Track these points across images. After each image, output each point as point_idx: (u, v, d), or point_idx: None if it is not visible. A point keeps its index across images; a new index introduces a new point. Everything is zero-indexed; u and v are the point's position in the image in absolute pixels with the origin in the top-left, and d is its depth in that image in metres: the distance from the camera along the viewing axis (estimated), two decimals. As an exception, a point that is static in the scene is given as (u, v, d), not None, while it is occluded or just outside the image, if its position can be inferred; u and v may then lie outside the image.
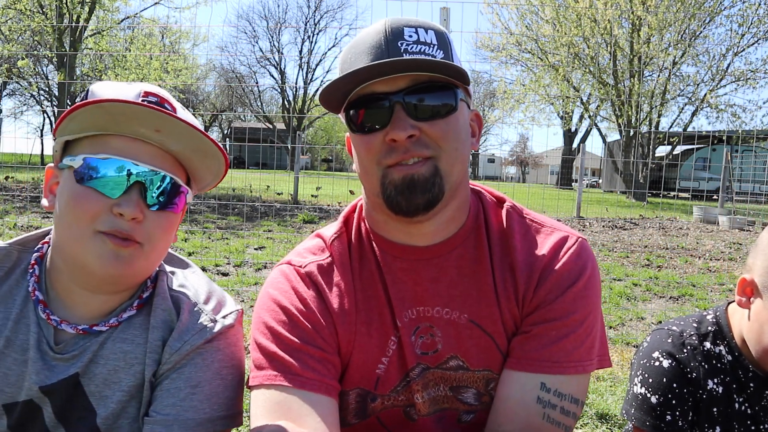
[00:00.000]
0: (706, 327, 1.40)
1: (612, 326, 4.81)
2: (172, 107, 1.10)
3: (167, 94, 1.12)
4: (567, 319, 1.12)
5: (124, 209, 1.01)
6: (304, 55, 55.48)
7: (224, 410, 1.10)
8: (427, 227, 1.15)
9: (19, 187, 12.24)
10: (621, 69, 22.97)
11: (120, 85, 1.10)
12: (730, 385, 1.34)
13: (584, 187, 19.90)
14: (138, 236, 1.04)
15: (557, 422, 1.10)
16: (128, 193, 1.03)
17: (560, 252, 1.17)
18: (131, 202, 1.02)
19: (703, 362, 1.35)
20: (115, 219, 1.02)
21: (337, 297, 1.17)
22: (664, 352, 1.37)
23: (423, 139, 1.07)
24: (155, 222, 1.07)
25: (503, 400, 1.13)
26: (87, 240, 1.02)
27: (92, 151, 1.04)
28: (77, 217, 1.02)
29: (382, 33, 1.07)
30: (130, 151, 1.04)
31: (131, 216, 1.02)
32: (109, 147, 1.04)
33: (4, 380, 1.08)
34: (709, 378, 1.34)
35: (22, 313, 1.10)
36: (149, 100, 1.06)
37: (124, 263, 1.04)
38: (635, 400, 1.38)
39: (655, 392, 1.35)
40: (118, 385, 1.10)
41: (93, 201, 1.02)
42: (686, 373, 1.34)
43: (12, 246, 1.16)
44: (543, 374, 1.10)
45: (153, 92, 1.09)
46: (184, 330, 1.11)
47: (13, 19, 17.61)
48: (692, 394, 1.34)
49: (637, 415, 1.37)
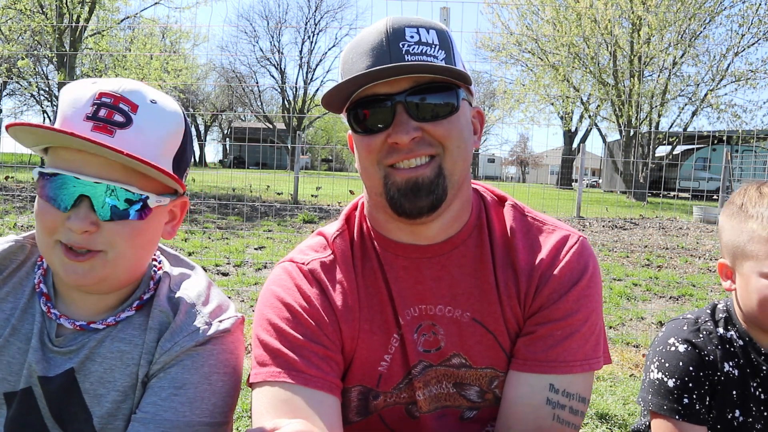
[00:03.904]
0: (718, 314, 1.43)
1: (612, 326, 4.81)
2: (132, 105, 1.04)
3: (132, 88, 1.06)
4: (571, 319, 1.13)
5: (72, 223, 1.01)
6: (304, 55, 55.57)
7: (207, 416, 1.08)
8: (430, 227, 1.16)
9: (19, 187, 12.24)
10: (621, 69, 22.96)
11: (83, 85, 1.06)
12: (744, 369, 1.36)
13: (584, 187, 19.91)
14: (96, 246, 1.04)
15: (566, 422, 1.11)
16: (77, 206, 1.02)
17: (562, 252, 1.17)
18: (79, 215, 1.01)
19: (718, 345, 1.37)
20: (69, 232, 1.02)
21: (341, 294, 1.17)
22: (679, 338, 1.39)
23: (426, 138, 1.07)
24: (113, 231, 1.04)
25: (512, 403, 1.13)
26: (50, 249, 1.05)
27: (48, 164, 1.04)
28: (40, 228, 1.05)
29: (384, 33, 1.07)
30: (76, 164, 1.02)
31: (80, 230, 1.01)
32: (59, 160, 1.04)
33: (7, 368, 1.09)
34: (725, 361, 1.36)
35: (29, 303, 1.12)
36: (101, 102, 1.03)
37: (84, 275, 1.04)
38: (652, 386, 1.39)
39: (671, 376, 1.36)
40: (113, 385, 1.10)
41: (49, 215, 1.03)
42: (702, 357, 1.36)
43: (26, 239, 1.19)
44: (551, 375, 1.11)
45: (108, 92, 1.04)
46: (176, 331, 1.11)
47: (13, 19, 17.59)
48: (708, 377, 1.35)
49: (654, 401, 1.37)
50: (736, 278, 1.36)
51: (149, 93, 1.09)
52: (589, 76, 24.51)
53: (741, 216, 1.34)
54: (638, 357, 4.01)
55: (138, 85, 1.09)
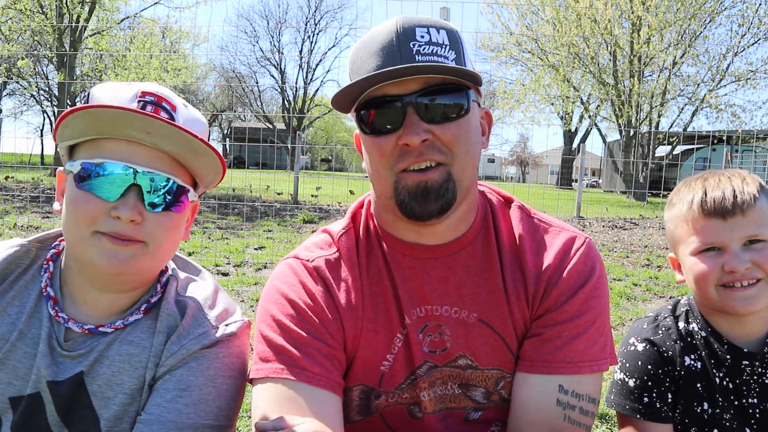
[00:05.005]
0: (680, 309, 1.45)
1: (612, 326, 4.81)
2: (172, 105, 1.10)
3: (167, 92, 1.12)
4: (579, 320, 1.13)
5: (121, 212, 1.02)
6: (304, 55, 55.48)
7: (211, 419, 1.09)
8: (438, 229, 1.16)
9: (19, 187, 12.24)
10: (621, 69, 22.96)
11: (119, 86, 1.10)
12: (708, 360, 1.36)
13: (584, 187, 19.89)
14: (140, 236, 1.05)
15: (577, 422, 1.11)
16: (125, 196, 1.03)
17: (569, 254, 1.17)
18: (128, 205, 1.03)
19: (678, 340, 1.39)
20: (114, 221, 1.03)
21: (345, 292, 1.16)
22: (639, 337, 1.42)
23: (435, 143, 1.06)
24: (156, 222, 1.07)
25: (523, 406, 1.13)
26: (87, 240, 1.04)
27: (90, 156, 1.05)
28: (77, 219, 1.04)
29: (394, 33, 1.07)
30: (126, 154, 1.04)
31: (128, 219, 1.03)
32: (105, 151, 1.04)
33: (13, 373, 1.09)
34: (685, 354, 1.37)
35: (36, 307, 1.12)
36: (146, 100, 1.07)
37: (125, 261, 1.05)
38: (615, 387, 1.42)
39: (632, 376, 1.38)
40: (121, 387, 1.10)
41: (91, 204, 1.03)
42: (661, 353, 1.38)
43: (31, 243, 1.19)
44: (560, 376, 1.11)
45: (150, 91, 1.09)
46: (183, 334, 1.11)
47: (13, 19, 17.59)
48: (669, 373, 1.37)
49: (616, 401, 1.40)
50: (683, 268, 1.39)
51: (181, 99, 1.14)
52: (589, 76, 24.50)
53: (670, 207, 1.41)
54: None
55: (168, 90, 1.13)
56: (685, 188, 1.37)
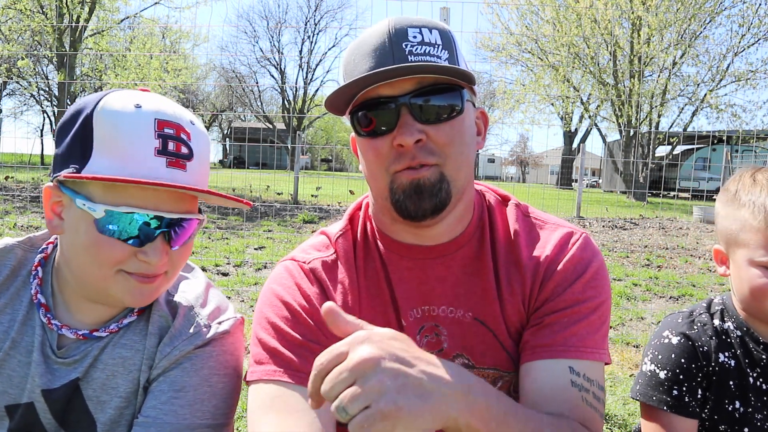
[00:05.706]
0: (714, 307, 1.43)
1: (612, 326, 4.81)
2: (187, 133, 1.04)
3: (179, 114, 1.05)
4: (578, 307, 1.11)
5: (151, 258, 1.02)
6: (304, 55, 55.51)
7: (208, 419, 1.08)
8: (435, 230, 1.15)
9: (19, 187, 12.24)
10: (621, 69, 22.97)
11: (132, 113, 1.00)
12: (743, 360, 1.35)
13: (584, 187, 19.90)
14: (162, 270, 1.06)
15: (594, 407, 1.07)
16: (153, 241, 1.03)
17: (566, 247, 1.17)
18: (157, 250, 1.02)
19: (713, 336, 1.37)
20: (140, 263, 1.03)
21: (341, 294, 1.16)
22: (674, 330, 1.39)
23: (429, 145, 1.06)
24: (178, 255, 1.08)
25: (536, 391, 1.07)
26: (110, 278, 1.03)
27: (112, 201, 0.99)
28: (100, 262, 1.02)
29: (386, 34, 1.06)
30: (152, 201, 1.00)
31: (158, 263, 1.03)
32: (128, 196, 0.99)
33: (8, 382, 1.08)
34: (720, 351, 1.35)
35: (28, 315, 1.10)
36: (166, 135, 1.00)
37: (150, 294, 1.07)
38: (643, 377, 1.39)
39: (663, 368, 1.36)
40: (116, 391, 1.09)
41: (117, 250, 1.01)
42: (696, 348, 1.35)
43: (19, 244, 1.16)
44: (567, 359, 1.07)
45: (167, 121, 1.01)
46: (175, 335, 1.11)
47: (13, 19, 17.60)
48: (702, 368, 1.35)
49: (643, 391, 1.37)
50: (730, 265, 1.36)
51: (186, 114, 1.08)
52: (589, 76, 24.52)
53: (734, 203, 1.33)
54: (638, 357, 4.01)
55: (178, 107, 1.08)
56: (758, 188, 1.30)
